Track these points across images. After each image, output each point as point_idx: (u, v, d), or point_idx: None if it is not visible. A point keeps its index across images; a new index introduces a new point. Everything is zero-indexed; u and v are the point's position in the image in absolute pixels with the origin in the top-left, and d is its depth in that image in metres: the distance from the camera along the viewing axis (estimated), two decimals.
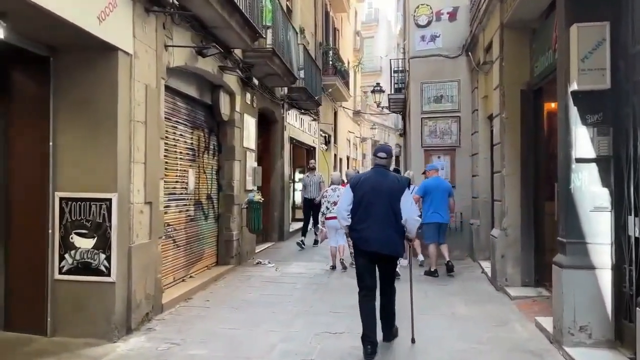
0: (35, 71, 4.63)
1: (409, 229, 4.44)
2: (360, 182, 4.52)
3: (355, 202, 4.43)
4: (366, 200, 4.38)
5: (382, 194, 4.36)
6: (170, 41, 5.80)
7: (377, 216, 4.31)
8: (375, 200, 4.36)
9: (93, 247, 4.64)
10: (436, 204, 7.72)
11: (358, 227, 4.42)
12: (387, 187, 4.40)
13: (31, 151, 4.67)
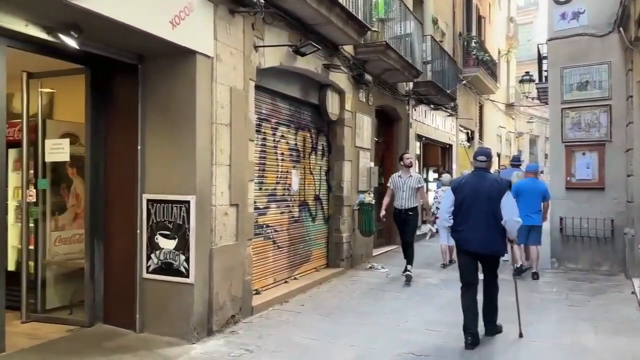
0: (126, 78, 4.89)
1: (509, 229, 4.63)
2: (460, 185, 4.84)
3: (456, 204, 4.76)
4: (467, 203, 4.68)
5: (481, 196, 4.63)
6: (261, 41, 5.73)
7: (477, 217, 4.59)
8: (475, 202, 4.64)
9: (174, 248, 4.75)
10: (528, 206, 7.32)
11: (459, 228, 4.75)
12: (486, 189, 4.64)
13: (123, 154, 4.95)
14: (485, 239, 4.59)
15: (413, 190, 7.34)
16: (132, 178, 4.88)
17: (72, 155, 5.26)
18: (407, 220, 7.39)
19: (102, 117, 5.06)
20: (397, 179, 7.47)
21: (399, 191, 7.38)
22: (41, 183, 5.24)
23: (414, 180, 7.38)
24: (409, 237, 7.48)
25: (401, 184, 7.38)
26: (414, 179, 7.41)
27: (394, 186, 7.45)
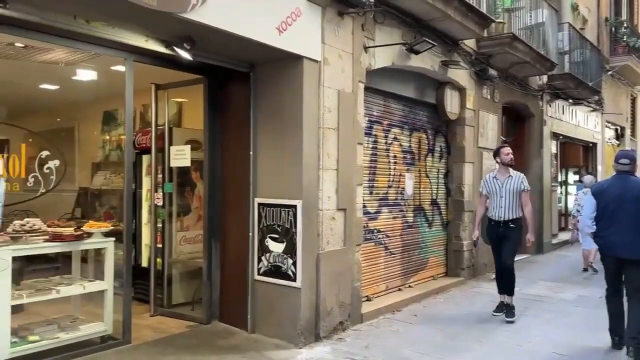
0: (240, 86, 5.07)
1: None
2: (602, 189, 4.66)
3: (599, 209, 4.57)
4: (611, 207, 4.49)
5: (626, 200, 4.43)
6: (372, 42, 5.58)
7: (622, 222, 4.41)
8: (619, 206, 4.45)
9: (283, 252, 4.80)
10: None
11: (603, 234, 4.57)
12: (632, 193, 4.43)
13: (237, 159, 5.13)
14: (632, 243, 4.36)
15: (515, 195, 5.61)
16: (245, 182, 5.04)
17: (195, 160, 5.60)
18: (506, 237, 5.59)
19: (218, 124, 5.31)
20: (491, 182, 5.78)
21: (495, 197, 5.69)
22: (167, 187, 5.65)
23: (515, 182, 5.65)
24: (508, 259, 5.63)
25: (498, 187, 5.68)
26: (516, 180, 5.66)
27: (488, 190, 5.79)
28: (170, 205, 5.81)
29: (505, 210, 5.61)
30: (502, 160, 5.79)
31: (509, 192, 5.62)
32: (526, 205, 5.70)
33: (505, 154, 5.77)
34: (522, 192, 5.66)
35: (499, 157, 5.83)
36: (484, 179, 5.98)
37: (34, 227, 4.16)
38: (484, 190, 5.88)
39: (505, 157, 5.76)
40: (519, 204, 5.65)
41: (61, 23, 3.60)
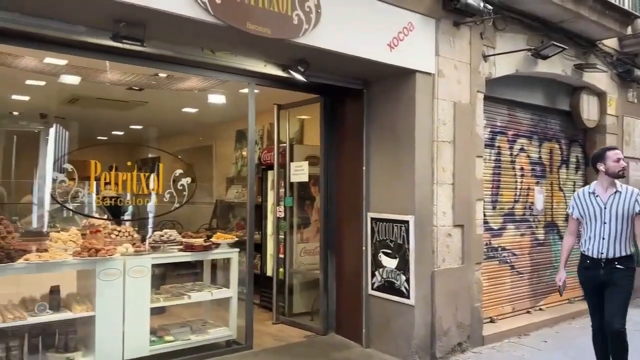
0: (353, 103, 5.18)
1: None
2: None
3: None
4: None
5: None
6: (492, 50, 5.33)
7: None
8: None
9: (396, 268, 4.76)
10: None
11: None
12: None
13: (351, 174, 5.23)
14: None
15: (626, 220, 3.76)
16: (358, 196, 5.11)
17: (314, 175, 5.82)
18: (611, 283, 3.78)
19: (333, 140, 5.47)
20: (587, 200, 3.92)
21: (592, 223, 3.87)
22: (287, 200, 5.94)
23: (627, 200, 3.77)
24: (616, 318, 3.70)
25: (598, 208, 3.84)
26: (628, 198, 3.78)
27: (582, 212, 3.95)
28: (291, 218, 6.09)
29: (611, 243, 3.76)
30: (607, 169, 3.83)
31: (617, 216, 3.75)
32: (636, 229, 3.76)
33: (614, 159, 3.82)
34: (638, 215, 3.75)
35: (602, 164, 3.85)
36: (575, 195, 4.07)
37: (170, 238, 4.66)
38: (574, 212, 4.01)
39: (614, 164, 3.82)
40: (632, 234, 3.77)
41: (191, 55, 4.02)
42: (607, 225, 3.79)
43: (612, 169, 3.83)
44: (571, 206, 4.09)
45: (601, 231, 3.81)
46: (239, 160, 8.39)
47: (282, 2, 3.67)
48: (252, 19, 3.53)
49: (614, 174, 3.84)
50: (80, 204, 5.05)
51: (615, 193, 3.83)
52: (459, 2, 4.66)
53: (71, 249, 4.12)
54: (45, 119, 7.53)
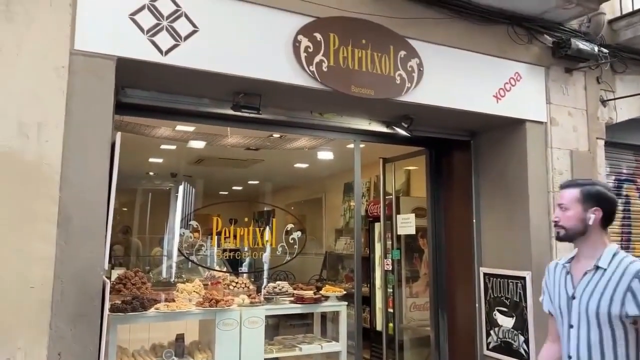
0: (460, 154, 5.13)
1: None
2: None
3: None
4: None
5: None
6: (611, 94, 5.03)
7: None
8: None
9: (513, 327, 4.49)
10: None
11: None
12: None
13: (460, 227, 5.10)
14: None
15: (606, 324, 2.07)
16: (469, 250, 4.96)
17: (422, 227, 5.76)
18: None
19: (441, 192, 5.41)
20: (556, 277, 2.34)
21: (561, 323, 2.25)
22: (394, 253, 5.92)
23: (611, 285, 2.09)
24: None
25: (564, 296, 2.24)
26: (615, 279, 2.08)
27: (552, 301, 2.34)
28: (399, 271, 6.04)
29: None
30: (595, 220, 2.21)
31: (589, 317, 2.11)
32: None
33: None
34: (627, 317, 2.04)
35: (591, 215, 2.20)
36: (547, 268, 2.51)
37: (282, 290, 4.87)
38: (544, 301, 2.45)
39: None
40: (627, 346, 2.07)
41: (301, 118, 4.30)
42: (574, 330, 2.14)
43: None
44: (543, 289, 2.47)
45: (567, 342, 2.18)
46: (346, 212, 8.58)
47: (384, 65, 3.84)
48: (356, 82, 3.73)
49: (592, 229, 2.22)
50: (203, 257, 5.50)
51: (593, 271, 2.15)
52: (569, 49, 4.51)
53: (194, 299, 4.48)
54: (175, 178, 8.40)
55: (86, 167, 2.87)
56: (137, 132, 5.02)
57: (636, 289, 2.03)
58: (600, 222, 2.21)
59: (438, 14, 4.08)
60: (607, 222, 2.24)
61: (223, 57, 3.31)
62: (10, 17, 2.73)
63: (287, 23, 3.52)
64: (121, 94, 3.48)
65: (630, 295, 2.03)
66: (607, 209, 2.23)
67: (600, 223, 2.21)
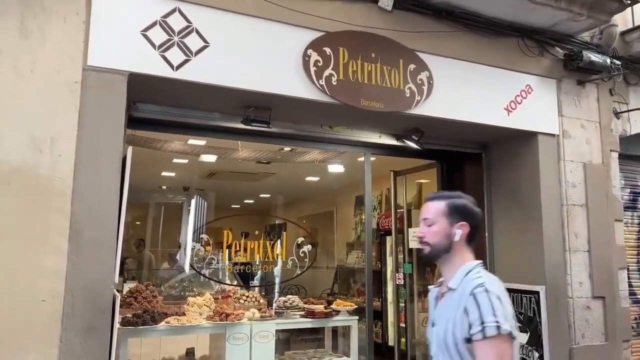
0: (472, 167, 5.09)
1: None
2: None
3: None
4: None
5: None
6: (624, 106, 4.98)
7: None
8: None
9: (527, 343, 4.40)
10: None
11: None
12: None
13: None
14: None
15: (453, 351, 1.81)
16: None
17: None
18: None
19: None
20: (430, 305, 2.12)
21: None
22: (406, 267, 5.87)
23: (453, 307, 1.85)
24: None
25: (430, 327, 2.04)
26: (455, 301, 1.85)
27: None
28: (411, 285, 5.98)
29: None
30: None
31: (439, 343, 1.89)
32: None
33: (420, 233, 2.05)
34: (469, 340, 1.76)
35: (457, 231, 1.98)
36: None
37: (293, 304, 4.85)
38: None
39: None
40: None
41: (311, 131, 4.31)
42: (434, 346, 1.96)
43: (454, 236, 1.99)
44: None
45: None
46: (358, 225, 8.54)
47: (394, 78, 3.85)
48: (366, 96, 3.74)
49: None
50: (214, 270, 5.50)
51: (448, 293, 1.94)
52: (581, 61, 4.48)
53: (205, 313, 4.47)
54: (187, 191, 8.46)
55: (98, 181, 2.90)
56: (148, 146, 5.07)
57: (469, 308, 1.75)
58: (465, 238, 1.98)
59: (448, 27, 4.09)
60: (472, 239, 2.00)
61: (233, 72, 3.34)
62: (25, 34, 2.79)
63: (297, 38, 3.55)
64: (133, 108, 3.53)
65: (464, 315, 1.76)
66: (474, 224, 2.00)
67: (466, 239, 1.98)
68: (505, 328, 1.69)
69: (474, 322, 1.72)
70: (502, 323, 1.70)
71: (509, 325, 1.71)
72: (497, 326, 1.69)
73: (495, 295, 1.76)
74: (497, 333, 1.69)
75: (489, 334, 1.69)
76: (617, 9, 4.31)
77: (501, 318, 1.71)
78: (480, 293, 1.76)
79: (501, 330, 1.69)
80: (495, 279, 1.91)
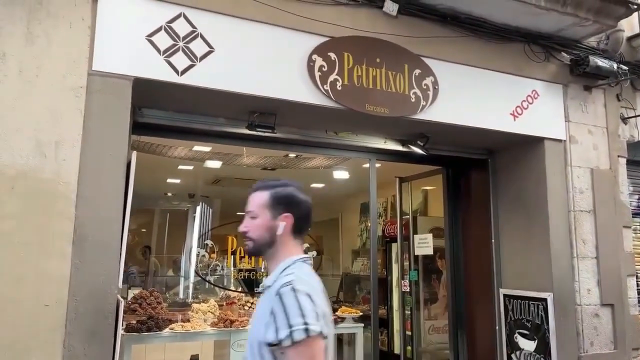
0: (478, 173, 5.06)
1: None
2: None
3: None
4: None
5: None
6: (632, 111, 4.94)
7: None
8: None
9: (534, 351, 4.35)
10: None
11: None
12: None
13: (478, 246, 5.00)
14: None
15: (259, 351, 1.64)
16: (488, 271, 4.85)
17: (439, 247, 5.67)
18: None
19: (458, 212, 5.33)
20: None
21: None
22: (412, 274, 5.82)
23: (263, 306, 1.72)
24: None
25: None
26: (267, 300, 1.69)
27: None
28: (417, 293, 5.93)
29: None
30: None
31: (250, 343, 1.72)
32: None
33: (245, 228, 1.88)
34: (272, 344, 1.59)
35: (280, 223, 1.83)
36: None
37: None
38: None
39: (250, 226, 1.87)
40: None
41: (316, 137, 4.30)
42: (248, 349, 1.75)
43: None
44: None
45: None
46: (363, 232, 8.51)
47: (399, 83, 3.84)
48: (371, 101, 3.73)
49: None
50: (219, 277, 5.49)
51: (265, 290, 1.77)
52: (588, 66, 4.46)
53: (209, 319, 4.45)
54: (193, 198, 8.46)
55: (102, 186, 2.89)
56: (153, 152, 5.08)
57: (275, 308, 1.60)
58: (291, 231, 1.81)
59: (453, 32, 4.08)
60: (299, 231, 1.83)
61: (238, 77, 3.34)
62: (31, 39, 2.81)
63: (302, 43, 3.54)
64: (138, 114, 3.54)
65: (271, 317, 1.60)
66: (299, 214, 1.83)
67: (292, 232, 1.81)
68: (314, 329, 1.55)
69: (280, 327, 1.56)
70: (311, 324, 1.55)
71: (319, 326, 1.57)
72: (306, 329, 1.54)
73: (304, 293, 1.60)
74: (306, 336, 1.54)
75: (297, 338, 1.53)
76: (623, 13, 4.29)
77: (310, 318, 1.56)
78: (286, 293, 1.59)
79: (310, 332, 1.54)
80: (309, 275, 1.74)
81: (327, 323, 1.65)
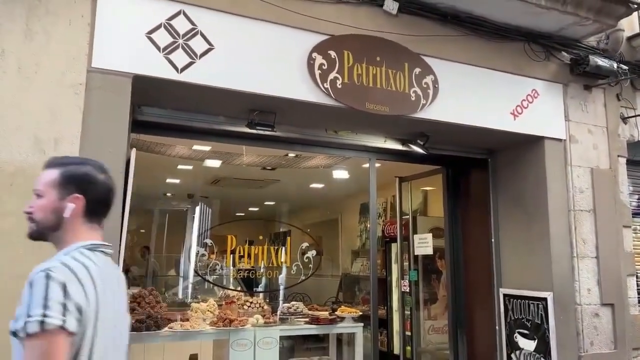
0: (478, 172, 5.06)
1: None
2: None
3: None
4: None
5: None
6: (632, 111, 4.94)
7: None
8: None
9: (534, 351, 4.33)
10: None
11: None
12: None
13: (478, 246, 5.00)
14: None
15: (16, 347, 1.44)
16: (487, 271, 4.84)
17: (439, 247, 5.66)
18: None
19: (458, 211, 5.32)
20: None
21: None
22: (411, 274, 5.81)
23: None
24: None
25: None
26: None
27: None
28: (416, 293, 5.92)
29: None
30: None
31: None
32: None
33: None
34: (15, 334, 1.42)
35: (67, 205, 1.63)
36: None
37: (297, 310, 4.80)
38: None
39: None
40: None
41: (316, 136, 4.29)
42: None
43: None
44: None
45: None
46: (363, 232, 8.50)
47: (399, 81, 3.83)
48: (371, 99, 3.72)
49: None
50: (218, 276, 5.47)
51: None
52: (588, 66, 4.45)
53: (209, 319, 4.43)
54: (192, 199, 8.45)
55: None
56: (153, 150, 5.07)
57: (23, 296, 1.43)
58: (82, 215, 1.63)
59: (454, 31, 4.08)
60: (93, 214, 1.66)
61: (238, 75, 3.34)
62: (30, 36, 2.80)
63: (302, 41, 3.54)
64: (137, 112, 3.53)
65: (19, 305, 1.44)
66: (93, 196, 1.64)
67: (83, 215, 1.63)
68: (52, 322, 1.35)
69: (20, 316, 1.39)
70: (50, 316, 1.35)
71: (61, 319, 1.37)
72: (42, 321, 1.34)
73: (58, 282, 1.41)
74: (39, 329, 1.34)
75: (30, 331, 1.35)
76: (623, 13, 4.29)
77: (53, 311, 1.36)
78: (37, 280, 1.42)
79: (46, 326, 1.34)
80: (89, 264, 1.53)
81: (97, 320, 1.47)
